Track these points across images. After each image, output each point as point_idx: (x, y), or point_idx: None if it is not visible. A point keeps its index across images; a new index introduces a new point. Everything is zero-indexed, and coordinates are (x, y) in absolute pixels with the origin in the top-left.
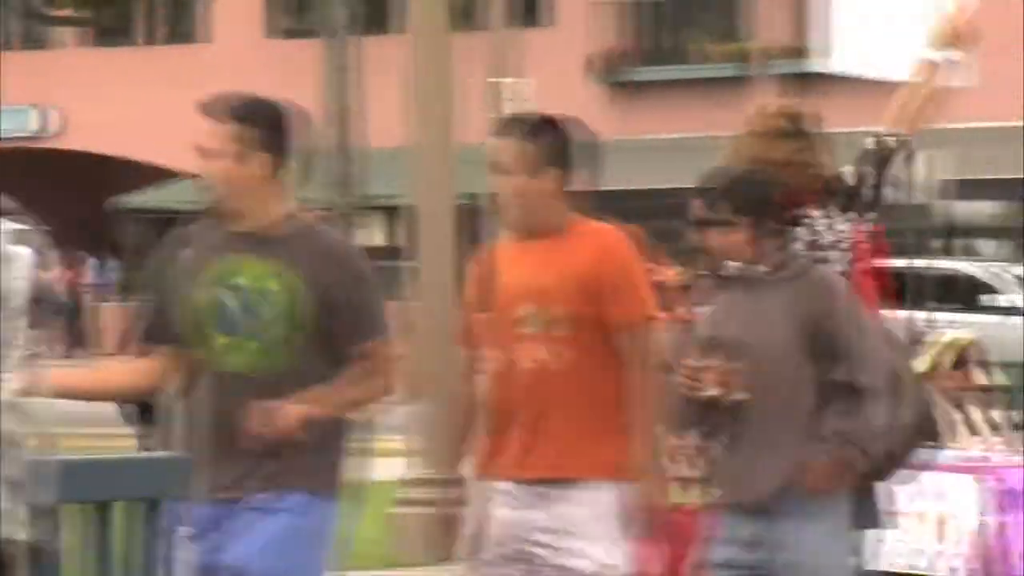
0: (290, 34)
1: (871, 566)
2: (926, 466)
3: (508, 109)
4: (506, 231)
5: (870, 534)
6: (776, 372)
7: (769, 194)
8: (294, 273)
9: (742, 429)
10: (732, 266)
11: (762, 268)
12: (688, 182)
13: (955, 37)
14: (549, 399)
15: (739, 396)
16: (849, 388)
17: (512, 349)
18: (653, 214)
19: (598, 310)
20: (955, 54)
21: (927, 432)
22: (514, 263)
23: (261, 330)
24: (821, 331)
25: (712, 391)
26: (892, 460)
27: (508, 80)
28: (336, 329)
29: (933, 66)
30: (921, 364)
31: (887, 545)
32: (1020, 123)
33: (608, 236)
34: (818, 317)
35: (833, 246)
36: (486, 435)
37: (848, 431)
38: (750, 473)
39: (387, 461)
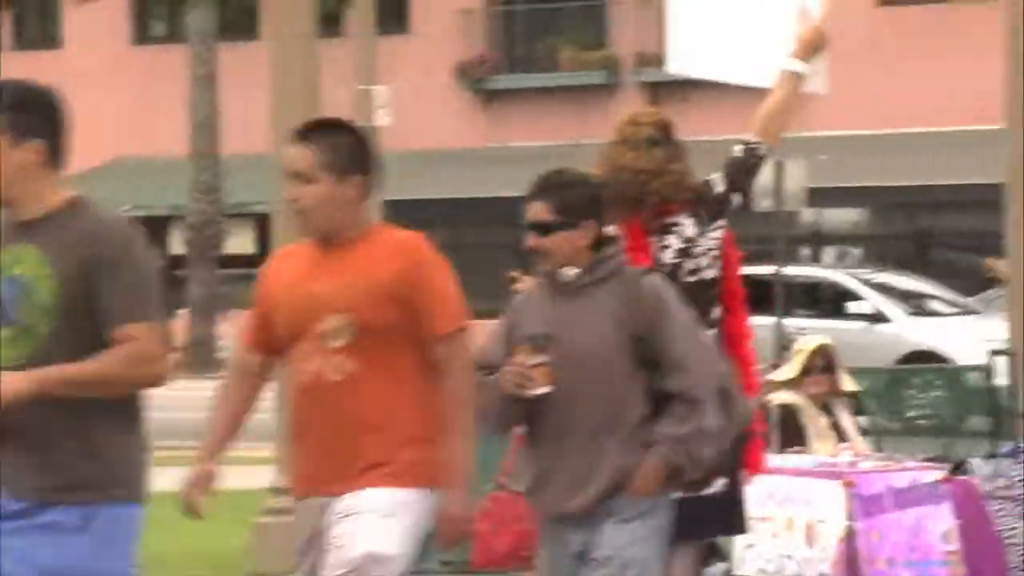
0: (156, 41)
1: (739, 571)
2: (794, 471)
3: (377, 117)
4: (306, 238)
5: (739, 539)
6: (602, 375)
7: (601, 198)
8: (55, 259)
9: (558, 430)
10: (563, 269)
11: (590, 271)
12: None
13: (807, 45)
14: (359, 411)
15: (544, 391)
16: (679, 396)
17: (317, 361)
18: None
19: (405, 319)
20: (808, 63)
21: (745, 441)
22: (317, 272)
23: (26, 320)
24: (649, 338)
25: (543, 388)
26: (716, 466)
27: (376, 87)
28: (98, 315)
29: (794, 76)
30: (790, 370)
31: (756, 550)
32: (871, 132)
33: (411, 243)
34: (645, 323)
35: (705, 253)
36: (296, 450)
37: (677, 437)
38: (571, 479)
39: (253, 469)
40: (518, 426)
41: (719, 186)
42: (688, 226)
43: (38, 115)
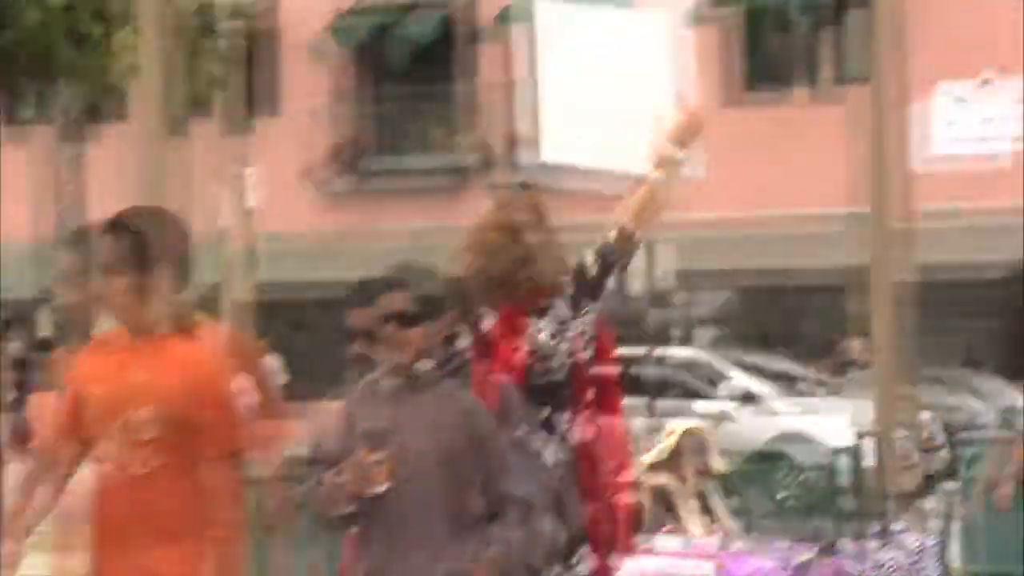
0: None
1: None
2: (667, 552)
3: (243, 199)
4: (114, 328)
5: None
6: (441, 473)
7: (454, 292)
8: None
9: (395, 530)
10: (419, 362)
11: (441, 365)
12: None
13: (685, 133)
14: (158, 509)
15: (382, 488)
16: (513, 499)
17: (124, 453)
18: None
19: (188, 433)
20: (685, 151)
21: (579, 541)
22: (129, 363)
23: None
24: (484, 440)
25: (382, 486)
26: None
27: (246, 170)
28: None
29: (671, 162)
30: (662, 452)
31: None
32: (739, 215)
33: (216, 338)
34: (482, 424)
35: (579, 335)
36: (95, 546)
37: (512, 542)
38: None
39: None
40: (354, 524)
41: (593, 270)
42: (562, 309)
43: None
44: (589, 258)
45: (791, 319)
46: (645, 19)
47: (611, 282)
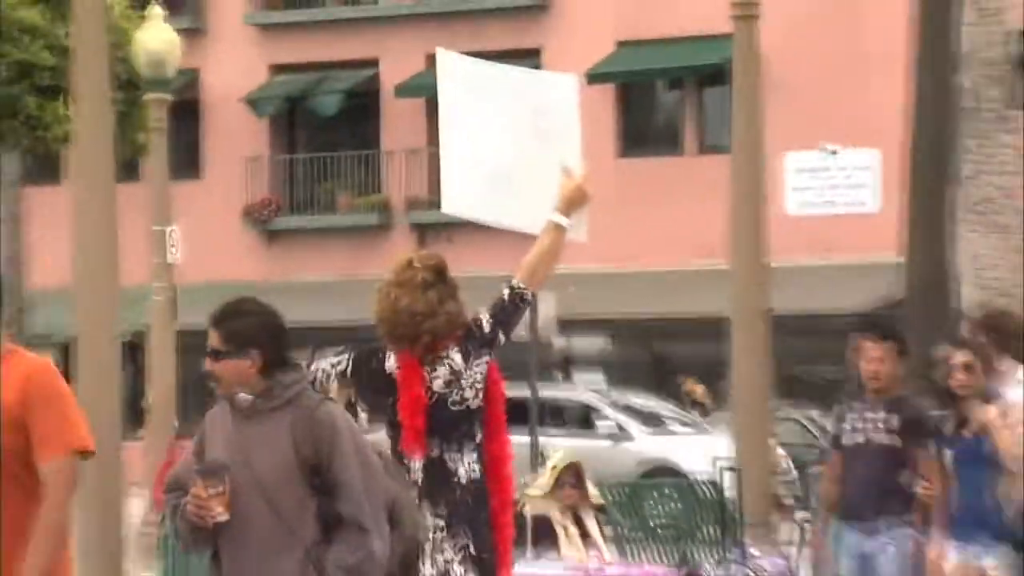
0: None
1: None
2: (551, 574)
3: (170, 253)
4: None
5: None
6: (276, 498)
7: (271, 327)
8: None
9: (238, 551)
10: (238, 395)
11: (265, 397)
12: (333, 318)
13: (572, 202)
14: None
15: (224, 518)
16: (348, 522)
17: None
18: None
19: (24, 440)
20: (571, 217)
21: (414, 556)
22: None
23: None
24: (321, 464)
25: (221, 517)
26: None
27: (169, 227)
28: None
29: (558, 227)
30: (544, 483)
31: None
32: (613, 269)
33: (33, 366)
34: (318, 450)
35: (471, 384)
36: None
37: (348, 566)
38: None
39: None
40: (208, 547)
41: (486, 325)
42: (457, 359)
43: None
44: (484, 315)
45: (660, 363)
46: (548, 80)
47: (502, 336)
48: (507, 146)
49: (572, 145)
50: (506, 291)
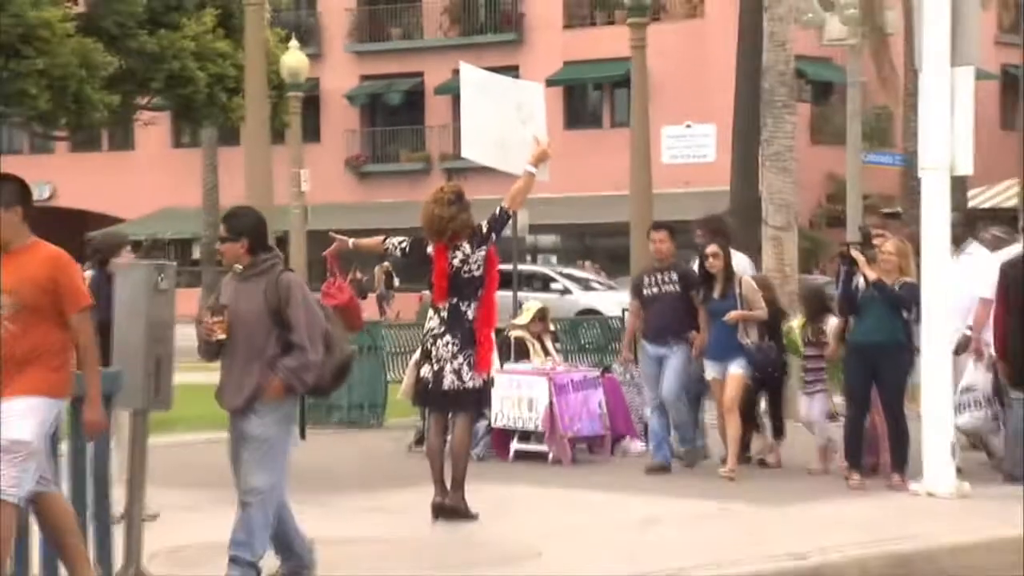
0: (184, 146)
1: (495, 424)
2: (522, 372)
3: (303, 186)
4: None
5: (492, 408)
6: (252, 328)
7: (257, 224)
8: None
9: (232, 360)
10: (235, 265)
11: (250, 268)
12: (397, 225)
13: (539, 157)
14: (15, 353)
15: (222, 337)
16: (295, 343)
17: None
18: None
19: (50, 300)
20: (538, 167)
21: (345, 368)
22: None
23: None
24: (280, 308)
25: (220, 336)
26: (326, 384)
27: (302, 171)
28: None
29: (530, 173)
30: (523, 319)
31: (503, 413)
32: (562, 194)
33: (54, 254)
34: (279, 301)
35: (476, 262)
36: None
37: (290, 367)
38: (235, 389)
39: None
40: (216, 357)
41: (485, 229)
42: (467, 248)
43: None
44: (484, 224)
45: (589, 249)
46: (525, 86)
47: (494, 236)
48: (502, 122)
49: (539, 124)
50: (498, 210)
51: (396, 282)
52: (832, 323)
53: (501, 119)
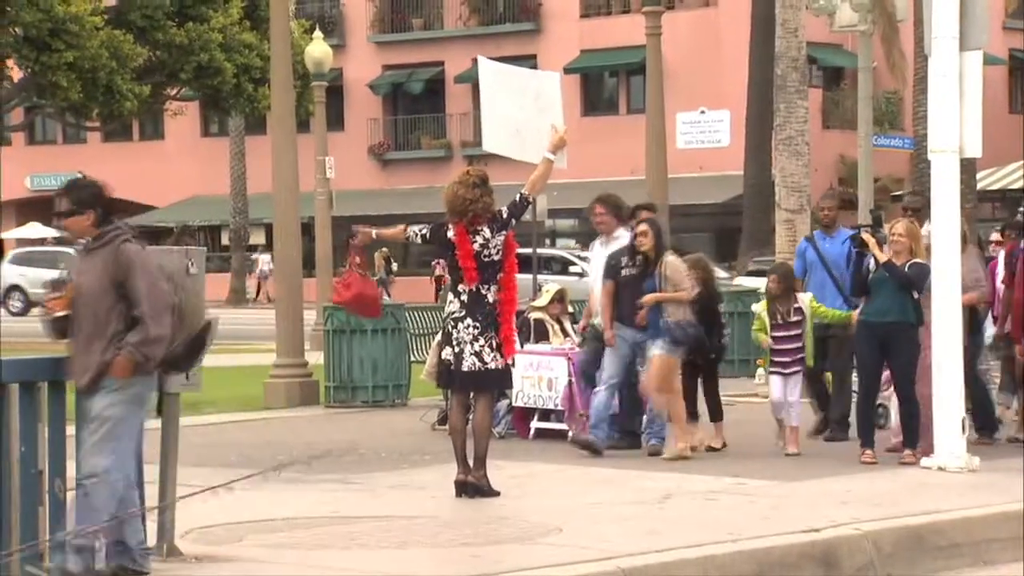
0: (213, 135)
1: (516, 403)
2: (542, 353)
3: (328, 172)
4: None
5: (514, 387)
6: (95, 304)
7: (98, 196)
8: None
9: (76, 338)
10: (79, 238)
11: (94, 241)
12: (419, 211)
13: (557, 145)
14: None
15: (61, 315)
16: (139, 318)
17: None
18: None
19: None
20: (556, 154)
21: (200, 342)
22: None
23: None
24: (124, 283)
25: (60, 313)
26: (179, 359)
27: (327, 158)
28: None
29: (549, 160)
30: (542, 300)
31: (524, 392)
32: (578, 180)
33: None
34: (122, 274)
35: (496, 246)
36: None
37: (134, 343)
38: (81, 368)
39: (262, 355)
40: (62, 335)
41: (505, 214)
42: (487, 233)
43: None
44: (504, 210)
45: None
46: (542, 76)
47: (514, 221)
48: (520, 112)
49: (556, 113)
50: (518, 196)
51: (395, 267)
52: (804, 299)
53: (519, 110)
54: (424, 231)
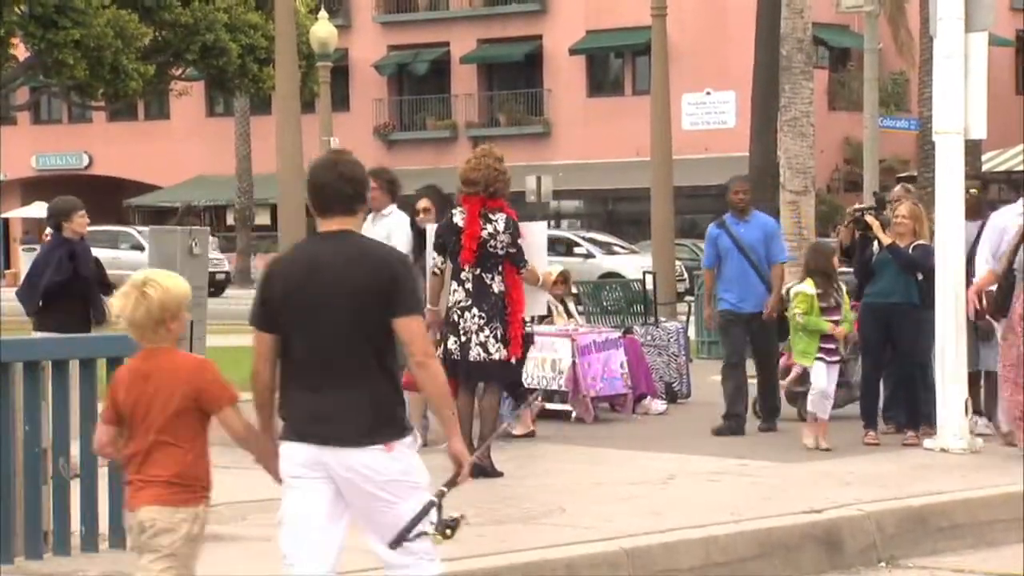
0: (219, 115)
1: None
2: (545, 333)
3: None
4: None
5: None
6: None
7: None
8: None
9: None
10: None
11: None
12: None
13: (533, 279)
14: None
15: None
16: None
17: None
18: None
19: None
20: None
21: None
22: None
23: None
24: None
25: None
26: None
27: (332, 138)
28: None
29: (529, 270)
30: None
31: (529, 374)
32: (583, 161)
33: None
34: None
35: (500, 243)
36: None
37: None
38: None
39: None
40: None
41: (512, 247)
42: (500, 226)
43: None
44: (515, 241)
45: (612, 216)
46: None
47: (514, 251)
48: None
49: (542, 259)
50: (521, 256)
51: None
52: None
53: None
54: (436, 244)
